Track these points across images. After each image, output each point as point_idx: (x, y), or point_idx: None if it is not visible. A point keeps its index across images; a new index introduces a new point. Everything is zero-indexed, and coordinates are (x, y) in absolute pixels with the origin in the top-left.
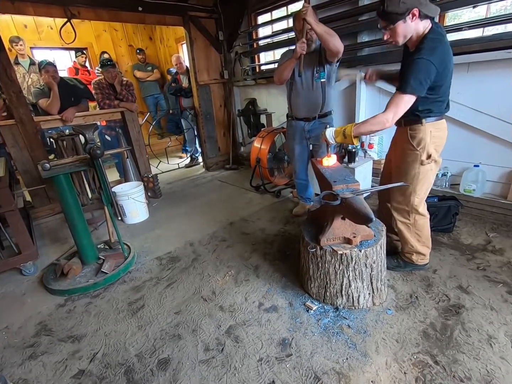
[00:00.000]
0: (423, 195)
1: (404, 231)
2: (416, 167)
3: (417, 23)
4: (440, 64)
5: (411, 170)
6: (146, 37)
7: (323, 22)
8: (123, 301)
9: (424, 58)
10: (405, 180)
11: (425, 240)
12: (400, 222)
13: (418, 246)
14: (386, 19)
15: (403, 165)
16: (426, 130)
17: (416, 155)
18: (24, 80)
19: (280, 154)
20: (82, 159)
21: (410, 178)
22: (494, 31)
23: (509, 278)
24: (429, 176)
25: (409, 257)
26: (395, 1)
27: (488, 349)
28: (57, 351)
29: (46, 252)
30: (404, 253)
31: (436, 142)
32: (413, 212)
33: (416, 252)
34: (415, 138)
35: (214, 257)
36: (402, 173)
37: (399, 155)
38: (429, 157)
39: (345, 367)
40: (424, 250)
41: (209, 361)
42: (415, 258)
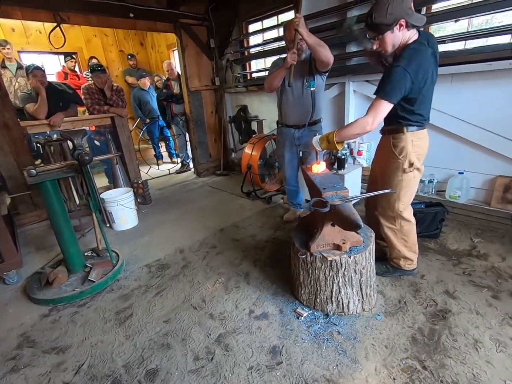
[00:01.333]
0: (407, 201)
1: (391, 236)
2: (399, 174)
3: (404, 33)
4: (415, 74)
5: (394, 177)
6: (137, 43)
7: (313, 32)
8: (111, 310)
9: (401, 66)
10: (388, 187)
11: (412, 245)
12: (386, 227)
13: (405, 251)
14: (374, 30)
15: (386, 173)
16: (407, 139)
17: (398, 163)
18: (11, 84)
19: (271, 161)
20: (70, 165)
21: (394, 185)
22: (475, 44)
23: (493, 282)
24: (412, 184)
25: (397, 262)
26: (382, 13)
27: (474, 353)
28: (41, 364)
29: (30, 260)
30: (392, 259)
31: (417, 151)
32: (399, 218)
33: (403, 257)
34: (398, 147)
35: (204, 264)
36: (386, 181)
37: (383, 163)
38: (411, 165)
39: (335, 374)
40: (411, 255)
41: (199, 370)
42: (402, 263)
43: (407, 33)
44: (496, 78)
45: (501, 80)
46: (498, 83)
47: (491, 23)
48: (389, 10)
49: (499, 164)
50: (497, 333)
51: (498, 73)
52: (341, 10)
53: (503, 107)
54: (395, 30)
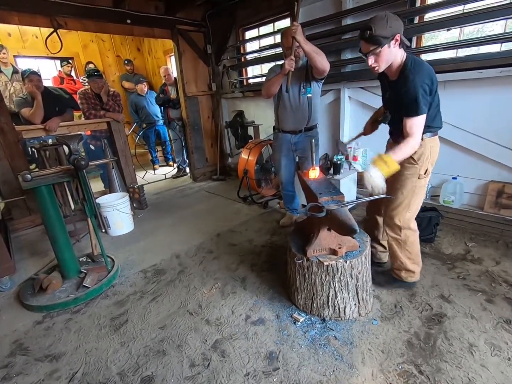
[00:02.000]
0: (415, 210)
1: (395, 247)
2: (414, 180)
3: (397, 50)
4: (429, 80)
5: (408, 183)
6: (134, 48)
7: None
8: (106, 316)
9: (416, 80)
10: (400, 194)
11: (415, 257)
12: (391, 238)
13: (408, 263)
14: (374, 43)
15: (400, 178)
16: (426, 145)
17: (415, 169)
18: (6, 88)
19: (267, 166)
20: (66, 170)
21: (406, 191)
22: (467, 52)
23: (487, 286)
24: (423, 191)
25: (398, 274)
26: (383, 25)
27: (469, 357)
28: (33, 372)
29: (24, 266)
30: (393, 269)
31: (433, 158)
32: (405, 228)
33: (405, 270)
34: (416, 153)
35: (201, 269)
36: (398, 187)
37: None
38: (426, 172)
39: (332, 379)
40: (414, 268)
41: (195, 377)
42: (404, 275)
43: (398, 52)
44: (487, 85)
45: (492, 88)
46: (489, 91)
47: (483, 32)
48: (389, 24)
49: (492, 169)
50: (492, 337)
51: (489, 80)
52: (337, 18)
53: (494, 113)
54: (391, 45)
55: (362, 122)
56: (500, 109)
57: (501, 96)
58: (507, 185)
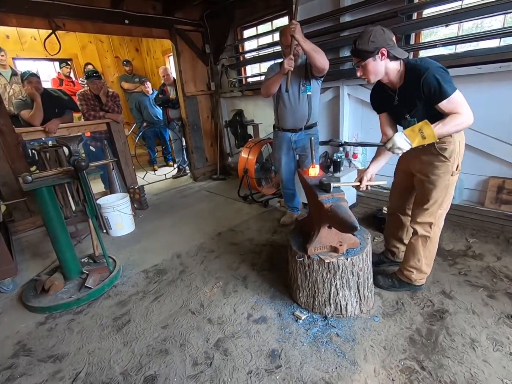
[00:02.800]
0: (446, 207)
1: (420, 244)
2: (447, 178)
3: (387, 63)
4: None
5: (442, 182)
6: (132, 49)
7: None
8: (108, 316)
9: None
10: (434, 192)
11: (431, 259)
12: (419, 235)
13: (423, 262)
14: (357, 56)
15: (432, 178)
16: (455, 141)
17: (447, 166)
18: (5, 90)
19: (267, 164)
20: (66, 171)
21: (440, 190)
22: (466, 48)
23: (489, 282)
24: (454, 187)
25: (409, 275)
26: (365, 40)
27: (471, 352)
28: (37, 372)
29: (26, 267)
30: (404, 269)
31: (461, 152)
32: (436, 224)
33: (418, 270)
34: (446, 150)
35: (202, 268)
36: (431, 187)
37: (426, 168)
38: (457, 168)
39: (335, 376)
40: (427, 269)
41: (198, 376)
42: (415, 276)
43: (390, 64)
44: (487, 81)
45: (492, 83)
46: (488, 86)
47: (481, 27)
48: (371, 39)
49: (492, 165)
50: (494, 332)
51: (488, 76)
52: (335, 15)
53: (494, 109)
54: (377, 58)
55: (361, 119)
56: (500, 104)
57: (500, 91)
58: (507, 181)
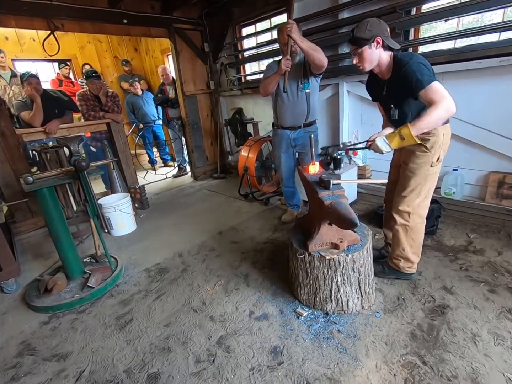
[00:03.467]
0: (424, 196)
1: (401, 233)
2: (426, 168)
3: (381, 52)
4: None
5: (421, 171)
6: (131, 48)
7: (306, 34)
8: (111, 315)
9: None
10: (413, 181)
11: (417, 247)
12: (399, 224)
13: (409, 251)
14: (354, 43)
15: (412, 167)
16: (439, 133)
17: (428, 156)
18: (5, 92)
19: (268, 163)
20: (67, 172)
21: (419, 178)
22: (466, 43)
23: (490, 277)
24: (434, 178)
25: (397, 263)
26: (362, 28)
27: (472, 347)
28: (41, 371)
29: (28, 268)
30: (392, 258)
31: (445, 145)
32: (414, 213)
33: (405, 258)
34: (428, 141)
35: (204, 267)
36: (410, 175)
37: (408, 157)
38: (438, 160)
39: (336, 372)
40: (413, 258)
41: (200, 373)
42: (402, 264)
43: (383, 53)
44: (487, 75)
45: (491, 77)
46: (488, 80)
47: (481, 22)
48: (368, 27)
49: (492, 160)
50: (495, 327)
51: (488, 70)
52: (333, 12)
53: (494, 104)
54: (372, 46)
55: (361, 117)
56: (500, 99)
57: (500, 86)
58: (508, 176)
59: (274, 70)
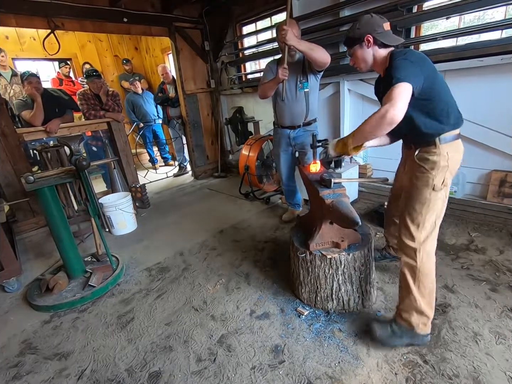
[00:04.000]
0: (430, 228)
1: (408, 275)
2: (428, 192)
3: (375, 50)
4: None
5: (420, 196)
6: (131, 47)
7: (307, 32)
8: (112, 314)
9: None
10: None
11: (429, 295)
12: (405, 263)
13: (421, 301)
14: (346, 44)
15: (412, 190)
16: (442, 152)
17: (427, 178)
18: (6, 91)
19: (268, 161)
20: (68, 171)
21: (419, 206)
22: (467, 41)
23: (491, 276)
24: (440, 205)
25: (407, 318)
26: (353, 28)
27: (474, 346)
28: (43, 370)
29: (30, 267)
30: (400, 313)
31: (452, 167)
32: (421, 251)
33: (418, 311)
34: (428, 161)
35: (205, 266)
36: (412, 199)
37: (409, 178)
38: (443, 182)
39: (338, 371)
40: (428, 311)
41: (202, 372)
42: (415, 320)
43: (379, 51)
44: (488, 73)
45: (493, 76)
46: (490, 79)
47: (483, 19)
48: (358, 26)
49: (494, 158)
50: (497, 326)
51: (490, 68)
52: (334, 10)
53: (495, 102)
54: (363, 46)
55: (362, 115)
56: (502, 97)
57: (502, 84)
58: (509, 174)
59: (272, 70)
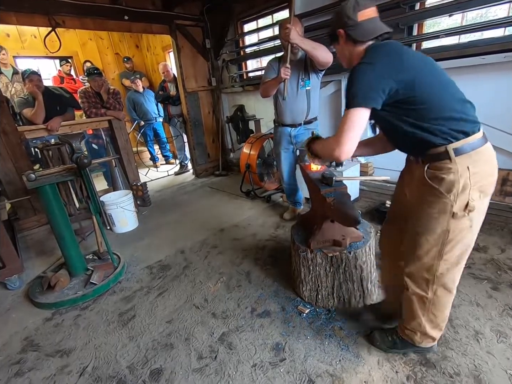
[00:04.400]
0: (454, 260)
1: (415, 304)
2: (444, 222)
3: (348, 46)
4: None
5: (436, 225)
6: (132, 45)
7: (309, 30)
8: (113, 312)
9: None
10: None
11: (441, 321)
12: (412, 292)
13: (427, 327)
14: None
15: (422, 216)
16: (461, 168)
17: (444, 204)
18: (7, 89)
19: (270, 160)
20: (69, 169)
21: (434, 237)
22: (470, 38)
23: (493, 274)
24: (467, 235)
25: (410, 335)
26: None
27: (475, 344)
28: (45, 367)
29: (32, 265)
30: (404, 329)
31: (480, 181)
32: (435, 283)
33: (422, 333)
34: (443, 181)
35: (206, 264)
36: (422, 227)
37: (416, 199)
38: (467, 207)
39: (338, 369)
40: (435, 334)
41: (203, 369)
42: (418, 339)
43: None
44: (491, 71)
45: (496, 73)
46: (492, 76)
47: (486, 17)
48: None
49: (496, 157)
50: (498, 324)
51: (492, 66)
52: (336, 7)
53: (498, 100)
54: (340, 41)
55: None
56: (504, 95)
57: (505, 82)
58: (511, 173)
59: (274, 68)
